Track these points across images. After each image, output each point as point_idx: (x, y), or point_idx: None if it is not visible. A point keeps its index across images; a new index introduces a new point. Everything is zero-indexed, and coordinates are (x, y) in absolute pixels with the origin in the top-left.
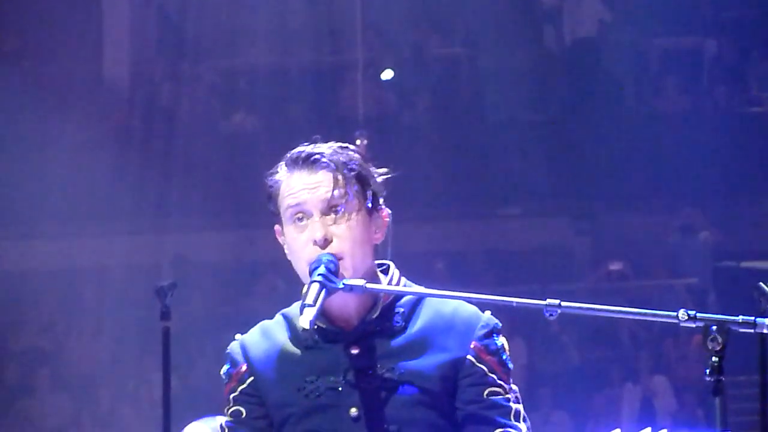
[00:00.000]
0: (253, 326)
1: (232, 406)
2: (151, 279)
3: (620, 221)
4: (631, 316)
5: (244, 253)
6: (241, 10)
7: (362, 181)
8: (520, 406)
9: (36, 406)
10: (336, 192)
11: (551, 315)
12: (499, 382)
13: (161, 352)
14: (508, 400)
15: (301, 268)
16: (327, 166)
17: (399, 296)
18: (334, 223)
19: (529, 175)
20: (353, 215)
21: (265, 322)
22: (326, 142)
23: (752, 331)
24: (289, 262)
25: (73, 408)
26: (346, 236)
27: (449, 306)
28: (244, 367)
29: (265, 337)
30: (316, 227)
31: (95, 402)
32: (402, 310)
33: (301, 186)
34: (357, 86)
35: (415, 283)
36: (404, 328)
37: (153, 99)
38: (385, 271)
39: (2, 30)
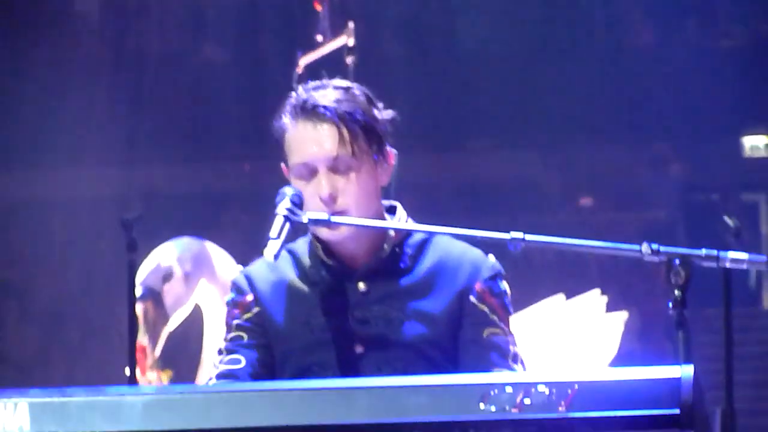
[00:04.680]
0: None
1: (234, 332)
2: (119, 212)
3: (590, 154)
4: (594, 250)
5: (214, 186)
6: None
7: (368, 131)
8: (519, 349)
9: (4, 338)
10: (341, 148)
11: (515, 248)
12: (500, 324)
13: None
14: (508, 342)
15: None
16: (331, 120)
17: (407, 237)
18: (341, 176)
19: (500, 107)
20: (360, 168)
21: None
22: (330, 80)
23: (715, 265)
24: (255, 196)
25: (41, 341)
26: (352, 191)
27: (457, 248)
28: (250, 297)
29: (271, 270)
30: (322, 184)
31: (64, 334)
32: (409, 251)
33: (306, 140)
34: (324, 19)
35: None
36: (411, 268)
37: (122, 31)
38: (392, 212)
39: None
